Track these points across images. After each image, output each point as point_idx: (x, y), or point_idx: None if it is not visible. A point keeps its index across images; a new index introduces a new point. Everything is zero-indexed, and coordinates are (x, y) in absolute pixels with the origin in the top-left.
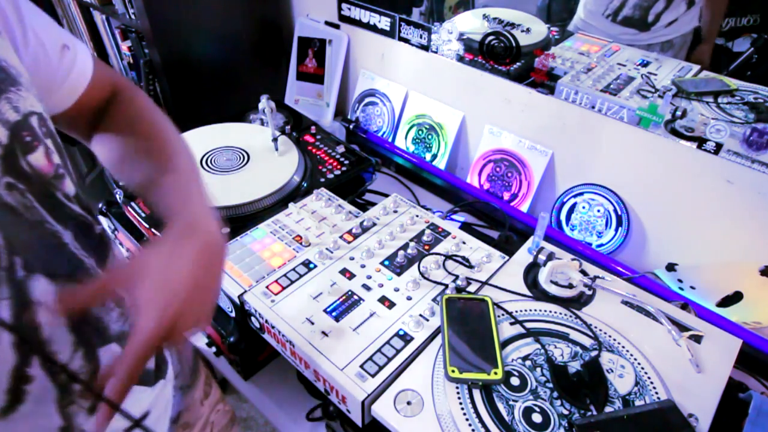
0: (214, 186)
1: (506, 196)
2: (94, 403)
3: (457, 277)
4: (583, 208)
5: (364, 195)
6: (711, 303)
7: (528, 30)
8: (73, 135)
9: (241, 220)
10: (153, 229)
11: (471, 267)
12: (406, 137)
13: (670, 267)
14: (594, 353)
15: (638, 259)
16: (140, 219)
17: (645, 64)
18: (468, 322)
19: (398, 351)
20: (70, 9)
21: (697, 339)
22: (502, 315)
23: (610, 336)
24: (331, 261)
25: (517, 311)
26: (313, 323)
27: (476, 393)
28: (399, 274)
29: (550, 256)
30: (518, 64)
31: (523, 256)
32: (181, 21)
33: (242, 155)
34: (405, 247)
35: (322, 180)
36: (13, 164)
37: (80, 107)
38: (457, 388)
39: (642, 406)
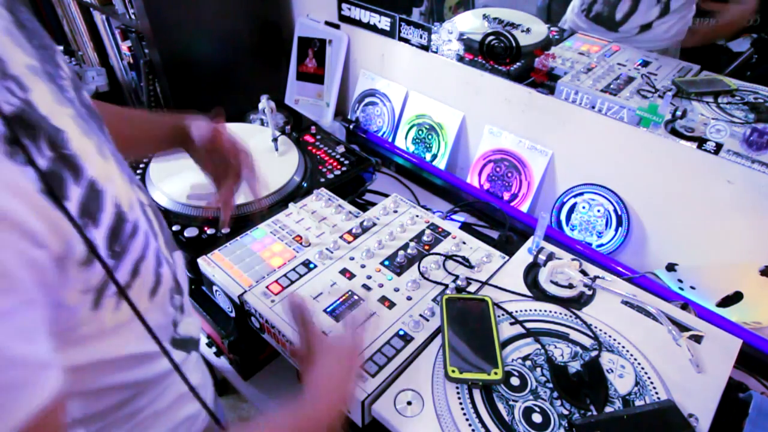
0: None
1: (506, 196)
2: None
3: (457, 277)
4: (583, 208)
5: (364, 195)
6: (711, 303)
7: (528, 30)
8: None
9: (241, 220)
10: None
11: (471, 267)
12: (406, 137)
13: (670, 267)
14: (594, 353)
15: (638, 259)
16: None
17: (645, 64)
18: (468, 322)
19: (398, 351)
20: (70, 9)
21: (697, 339)
22: (502, 315)
23: (610, 336)
24: (331, 261)
25: (517, 311)
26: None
27: (476, 393)
28: (399, 274)
29: (550, 256)
30: (518, 64)
31: (523, 256)
32: (181, 21)
33: None
34: (405, 247)
35: (322, 180)
36: None
37: None
38: (457, 388)
39: (642, 406)
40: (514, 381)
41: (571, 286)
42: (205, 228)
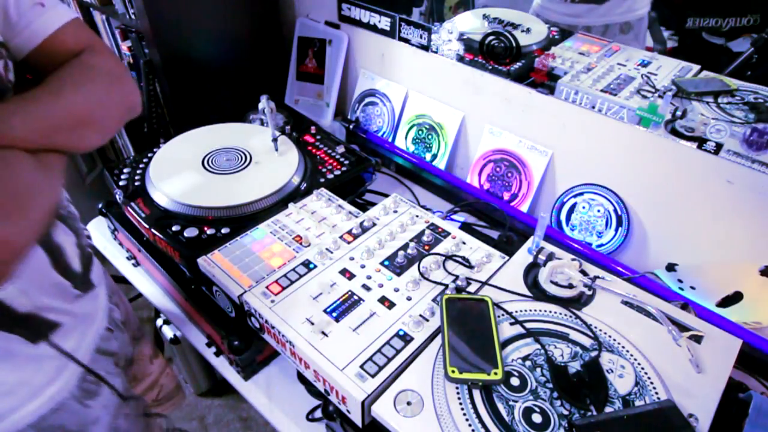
0: (215, 186)
1: (506, 196)
2: None
3: (457, 277)
4: (583, 208)
5: (364, 195)
6: (711, 303)
7: (528, 30)
8: None
9: (241, 220)
10: (153, 229)
11: (471, 267)
12: (406, 137)
13: (670, 267)
14: (594, 353)
15: (638, 259)
16: (140, 219)
17: (645, 64)
18: (468, 322)
19: (398, 351)
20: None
21: (697, 339)
22: (502, 315)
23: (610, 336)
24: (331, 261)
25: (517, 311)
26: (313, 323)
27: (476, 393)
28: (399, 274)
29: (550, 256)
30: (518, 64)
31: (523, 256)
32: (181, 21)
33: (242, 155)
34: (405, 247)
35: (322, 180)
36: None
37: (44, 55)
38: (457, 388)
39: (642, 406)
40: (514, 381)
41: (571, 286)
42: (205, 228)
